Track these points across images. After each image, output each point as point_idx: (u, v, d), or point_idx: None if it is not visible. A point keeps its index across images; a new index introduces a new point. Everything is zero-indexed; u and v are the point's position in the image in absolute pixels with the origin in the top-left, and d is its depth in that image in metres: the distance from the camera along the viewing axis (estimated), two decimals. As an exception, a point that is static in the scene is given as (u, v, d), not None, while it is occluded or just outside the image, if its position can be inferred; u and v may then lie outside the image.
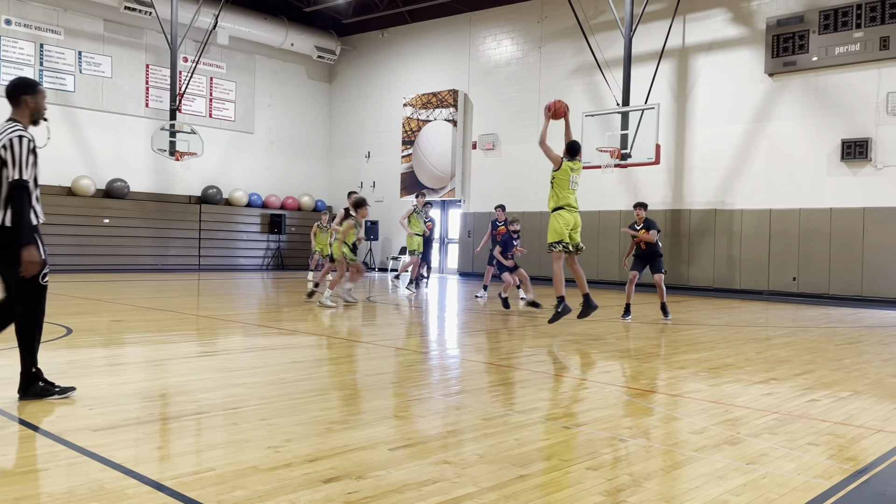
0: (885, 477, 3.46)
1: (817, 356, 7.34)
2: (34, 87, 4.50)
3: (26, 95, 4.45)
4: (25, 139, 4.27)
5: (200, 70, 21.42)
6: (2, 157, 4.22)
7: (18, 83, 4.46)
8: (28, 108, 4.46)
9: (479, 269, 19.99)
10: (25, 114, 4.46)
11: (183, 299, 12.32)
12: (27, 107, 4.46)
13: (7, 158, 4.21)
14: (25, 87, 4.46)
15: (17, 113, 4.45)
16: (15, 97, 4.44)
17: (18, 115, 4.44)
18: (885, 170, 14.36)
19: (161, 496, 2.89)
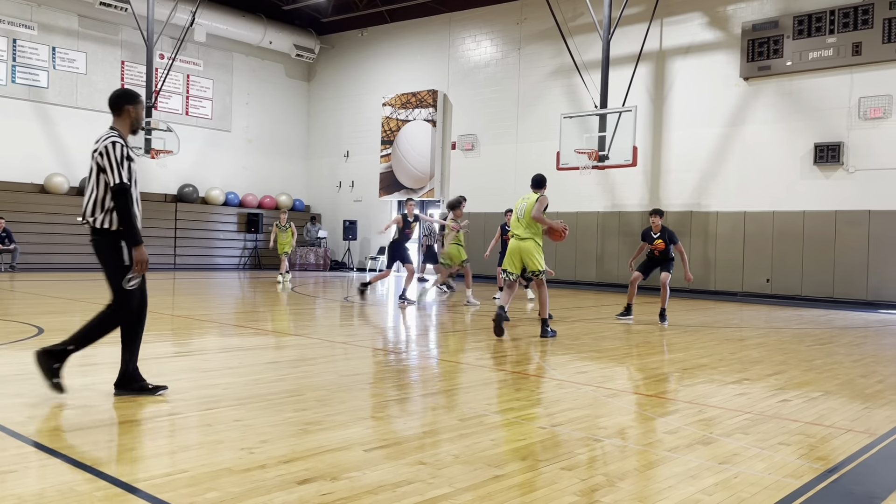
0: (854, 476, 3.52)
1: (789, 357, 7.44)
2: (136, 98, 4.69)
3: (129, 105, 4.65)
4: (119, 145, 4.45)
5: (177, 67, 21.22)
6: (99, 164, 4.43)
7: (122, 94, 4.67)
8: (129, 118, 4.67)
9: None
10: (126, 123, 4.66)
11: (157, 299, 12.19)
12: (129, 116, 4.66)
13: (104, 165, 4.41)
14: (129, 97, 4.66)
15: (118, 122, 4.64)
16: (118, 107, 4.64)
17: (119, 124, 4.64)
18: (857, 174, 14.61)
19: (132, 498, 2.86)
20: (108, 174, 4.42)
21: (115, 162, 4.41)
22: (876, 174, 14.40)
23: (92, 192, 4.51)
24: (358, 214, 23.45)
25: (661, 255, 10.46)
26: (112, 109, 4.66)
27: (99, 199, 4.48)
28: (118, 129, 4.62)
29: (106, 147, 4.44)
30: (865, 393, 5.62)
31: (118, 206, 4.43)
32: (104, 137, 4.51)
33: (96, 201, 4.49)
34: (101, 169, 4.45)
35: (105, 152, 4.43)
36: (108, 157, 4.42)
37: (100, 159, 4.44)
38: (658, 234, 10.38)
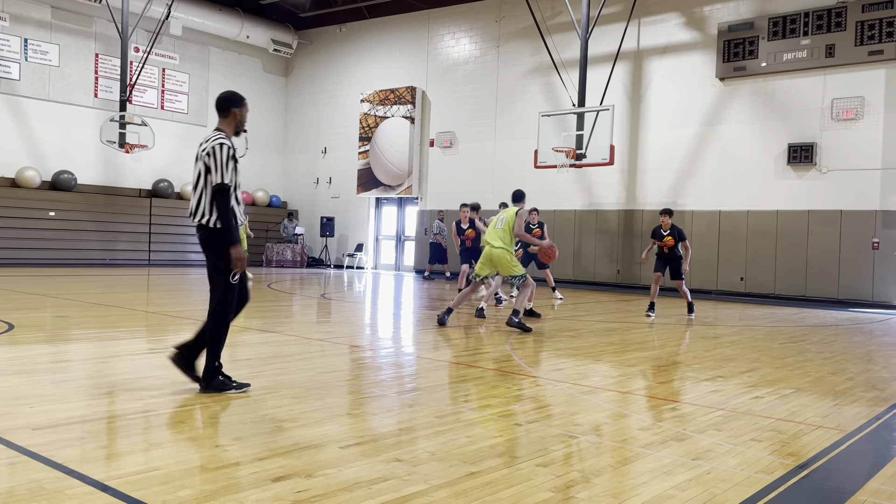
0: (824, 472, 3.57)
1: (762, 354, 7.54)
2: (242, 101, 4.88)
3: (235, 108, 4.83)
4: (226, 146, 4.62)
5: (152, 61, 20.95)
6: (206, 164, 4.59)
7: (230, 96, 4.84)
8: (235, 120, 4.83)
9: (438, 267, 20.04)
10: (231, 125, 4.83)
11: (131, 295, 12.05)
12: (234, 118, 4.83)
13: (211, 165, 4.58)
14: (235, 100, 4.84)
15: (224, 123, 4.82)
16: (225, 109, 4.81)
17: (224, 125, 4.82)
18: (829, 174, 14.83)
19: (104, 496, 2.82)
20: (214, 173, 4.58)
21: (220, 162, 4.57)
22: (848, 175, 14.64)
23: (201, 192, 4.66)
24: (335, 211, 23.34)
25: (669, 251, 11.16)
26: (219, 111, 4.83)
27: (209, 200, 4.63)
28: (224, 129, 4.79)
29: (213, 147, 4.59)
30: (836, 390, 5.71)
31: (218, 203, 4.58)
32: (212, 138, 4.66)
33: (203, 199, 4.64)
34: (209, 169, 4.60)
35: (212, 152, 4.59)
36: (215, 157, 4.58)
37: (207, 159, 4.60)
38: (668, 232, 11.12)
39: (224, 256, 4.66)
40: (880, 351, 8.27)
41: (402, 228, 22.49)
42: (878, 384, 6.04)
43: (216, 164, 4.57)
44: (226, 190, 4.57)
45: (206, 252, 4.75)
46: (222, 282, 4.72)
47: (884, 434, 4.39)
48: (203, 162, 4.62)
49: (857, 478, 3.53)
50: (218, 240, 4.67)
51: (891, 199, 14.22)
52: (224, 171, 4.57)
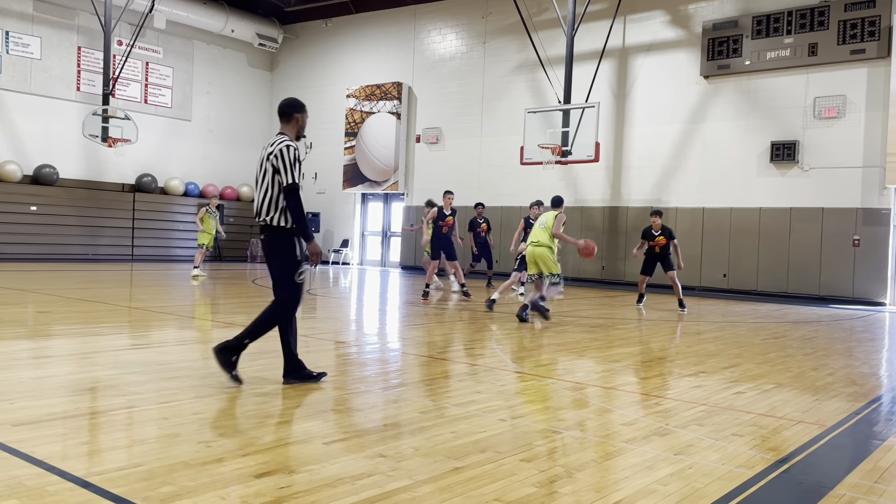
0: (804, 466, 3.61)
1: (744, 350, 7.61)
2: (304, 108, 5.12)
3: (297, 114, 5.05)
4: (292, 148, 4.85)
5: (136, 54, 20.75)
6: (274, 166, 4.79)
7: (293, 103, 5.07)
8: (297, 125, 5.06)
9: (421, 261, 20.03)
10: (294, 129, 5.05)
11: (114, 290, 11.95)
12: (296, 124, 5.06)
13: (279, 166, 4.78)
14: (298, 107, 5.07)
15: (287, 128, 5.04)
16: (288, 114, 5.03)
17: (287, 129, 5.03)
18: (811, 171, 14.97)
19: (84, 493, 2.80)
20: (283, 175, 4.78)
21: (289, 163, 4.78)
22: (829, 172, 14.78)
23: (267, 192, 4.85)
24: (321, 206, 23.26)
25: (661, 250, 11.60)
26: (282, 116, 5.05)
27: (273, 199, 4.82)
28: (286, 134, 5.00)
29: (281, 150, 4.80)
30: (816, 385, 5.78)
31: (291, 204, 4.79)
32: (278, 141, 4.86)
33: (271, 200, 4.83)
34: (276, 170, 4.80)
35: (280, 155, 4.79)
36: (283, 159, 4.78)
37: (275, 161, 4.79)
38: (659, 232, 11.58)
39: (289, 255, 4.88)
40: (860, 347, 8.36)
41: (387, 224, 22.46)
42: (858, 380, 6.12)
43: (284, 166, 4.77)
44: (296, 189, 4.79)
45: (269, 251, 4.92)
46: (285, 281, 4.90)
47: (863, 429, 4.45)
48: (271, 164, 4.81)
49: (836, 472, 3.57)
50: (282, 238, 4.86)
51: (871, 197, 14.38)
52: (292, 171, 4.79)
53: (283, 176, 4.78)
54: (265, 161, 4.86)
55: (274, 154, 4.82)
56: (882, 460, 3.76)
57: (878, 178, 14.30)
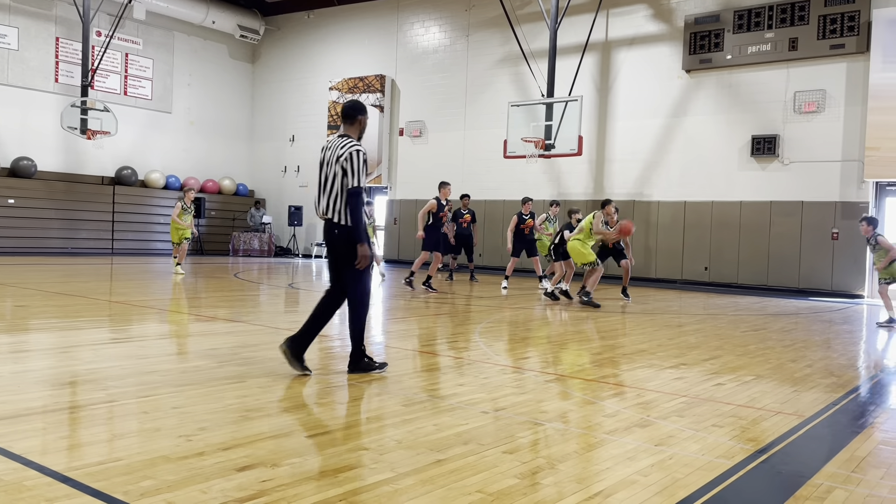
0: (783, 456, 3.66)
1: (725, 342, 7.68)
2: (366, 110, 5.29)
3: (361, 116, 5.21)
4: (362, 153, 5.01)
5: (115, 45, 20.50)
6: (343, 168, 4.95)
7: (357, 105, 5.23)
8: (360, 127, 5.22)
9: (408, 256, 20.02)
10: (357, 131, 5.20)
11: (94, 284, 11.83)
12: (359, 125, 5.22)
13: (347, 169, 4.95)
14: (362, 109, 5.24)
15: (350, 129, 5.18)
16: (352, 116, 5.19)
17: (350, 131, 5.18)
18: (791, 165, 15.12)
19: (63, 487, 2.77)
20: (350, 177, 4.95)
21: (357, 167, 4.96)
22: (809, 166, 14.93)
23: (336, 193, 5.01)
24: (304, 200, 23.14)
25: (614, 245, 11.74)
26: (346, 118, 5.20)
27: (343, 200, 5.00)
28: (350, 135, 5.14)
29: (351, 153, 4.96)
30: (795, 377, 5.84)
31: (352, 204, 4.96)
32: (348, 144, 5.02)
33: (338, 199, 5.00)
34: (345, 172, 4.96)
35: (350, 158, 4.95)
36: (353, 163, 4.95)
37: (344, 163, 4.96)
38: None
39: (354, 252, 5.04)
40: (838, 339, 8.47)
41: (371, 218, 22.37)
42: (836, 371, 6.20)
43: (353, 169, 4.95)
44: (359, 193, 4.97)
45: (338, 248, 5.08)
46: (356, 274, 5.09)
47: (840, 419, 4.51)
48: (340, 166, 4.97)
49: (814, 462, 3.61)
50: (349, 236, 5.03)
51: (850, 191, 14.55)
52: (360, 175, 4.97)
53: (350, 178, 4.95)
54: (335, 163, 5.00)
55: (345, 157, 4.96)
56: (859, 450, 3.81)
57: (856, 173, 14.47)
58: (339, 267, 5.17)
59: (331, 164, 5.03)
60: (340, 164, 4.97)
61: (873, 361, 7.23)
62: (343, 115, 5.22)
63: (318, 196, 5.13)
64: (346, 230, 5.02)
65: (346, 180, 4.97)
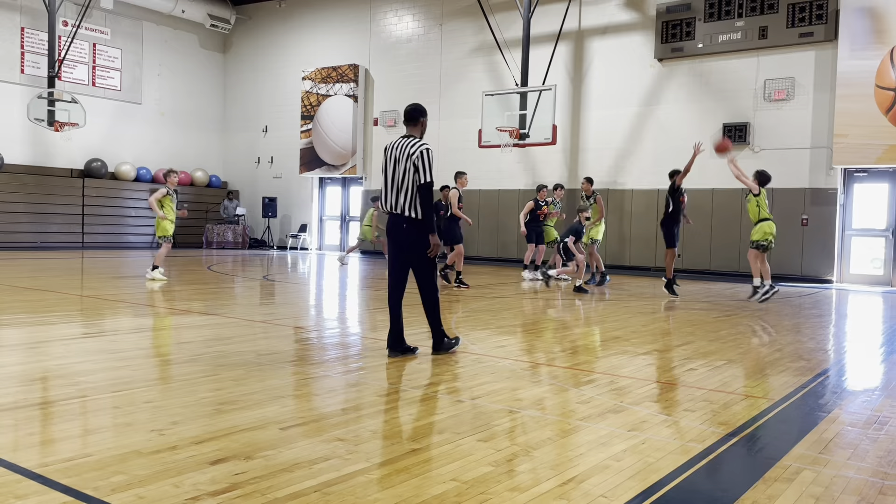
0: (753, 439, 3.72)
1: (697, 328, 7.78)
2: (426, 112, 5.77)
3: (423, 118, 5.70)
4: (431, 151, 5.54)
5: (82, 35, 20.12)
6: (416, 165, 5.43)
7: (420, 108, 5.70)
8: (422, 128, 5.69)
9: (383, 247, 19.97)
10: (419, 131, 5.68)
11: (64, 279, 11.65)
12: (422, 126, 5.69)
13: (419, 165, 5.43)
14: (424, 112, 5.72)
15: (413, 130, 5.66)
16: (416, 118, 5.66)
17: (414, 131, 5.66)
18: (762, 153, 15.30)
19: (33, 484, 2.74)
20: (421, 173, 5.43)
21: (428, 165, 5.46)
22: (779, 153, 15.12)
23: (407, 189, 5.47)
24: (278, 191, 22.96)
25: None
26: (410, 120, 5.66)
27: (414, 194, 5.46)
28: (414, 135, 5.61)
29: (422, 152, 5.46)
30: (765, 361, 5.94)
31: (424, 198, 5.45)
32: (417, 143, 5.49)
33: (409, 195, 5.47)
34: (416, 168, 5.42)
35: (422, 156, 5.45)
36: (424, 161, 5.45)
37: (417, 161, 5.43)
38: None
39: (426, 244, 5.50)
40: (807, 323, 8.62)
41: (346, 209, 22.29)
42: (805, 354, 6.31)
43: (424, 166, 5.43)
44: (430, 186, 5.45)
45: (407, 240, 5.52)
46: (429, 264, 5.58)
47: (809, 402, 4.59)
48: (412, 163, 5.43)
49: (783, 444, 3.68)
50: (424, 230, 5.49)
51: (819, 178, 14.77)
52: (430, 171, 5.45)
53: (422, 174, 5.42)
54: (405, 160, 5.44)
55: (416, 155, 5.43)
56: (826, 432, 3.89)
57: (825, 159, 14.69)
58: (405, 259, 5.60)
59: (401, 161, 5.47)
60: (412, 161, 5.42)
61: (841, 345, 7.37)
62: (407, 118, 5.67)
63: (387, 193, 5.57)
64: (416, 223, 5.46)
65: (417, 176, 5.43)
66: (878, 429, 3.97)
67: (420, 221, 5.46)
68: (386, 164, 5.59)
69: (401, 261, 5.63)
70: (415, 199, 5.46)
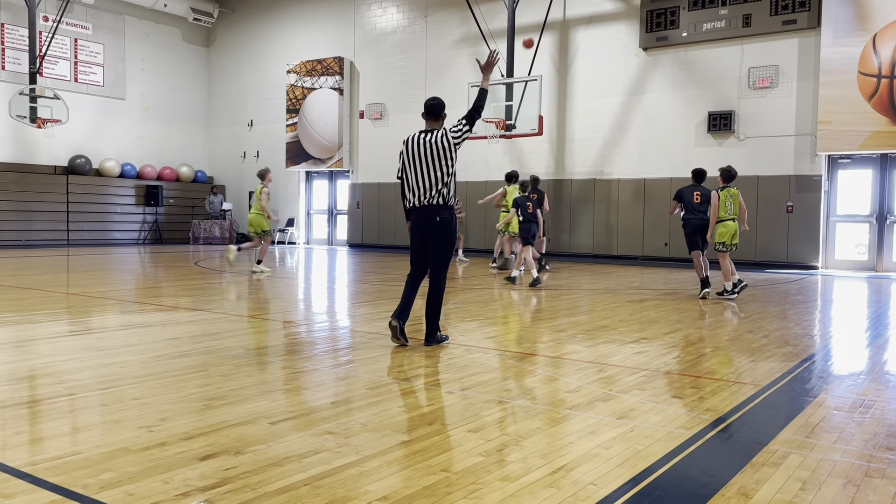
0: (740, 425, 3.75)
1: (684, 316, 7.82)
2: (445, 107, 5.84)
3: (445, 112, 5.79)
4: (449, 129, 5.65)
5: (63, 31, 19.90)
6: (444, 146, 5.56)
7: (441, 103, 5.79)
8: (442, 122, 5.78)
9: (371, 240, 19.95)
10: (440, 126, 5.76)
11: (50, 276, 11.56)
12: (443, 121, 5.78)
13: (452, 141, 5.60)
14: (444, 106, 5.81)
15: (434, 125, 5.75)
16: (437, 113, 5.75)
17: (435, 126, 5.74)
18: (747, 141, 15.38)
19: (21, 483, 2.72)
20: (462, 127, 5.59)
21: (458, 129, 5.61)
22: (764, 141, 15.21)
23: (434, 177, 5.56)
24: (264, 185, 22.83)
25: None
26: (432, 115, 5.74)
27: (443, 180, 5.57)
28: (435, 129, 5.69)
29: (445, 131, 5.65)
30: (751, 347, 5.99)
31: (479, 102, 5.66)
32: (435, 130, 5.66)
33: (442, 182, 5.58)
34: (446, 150, 5.57)
35: (446, 132, 5.62)
36: (451, 131, 5.61)
37: (445, 141, 5.57)
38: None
39: (454, 232, 5.66)
40: (793, 309, 8.69)
41: (333, 202, 22.23)
42: (791, 340, 6.36)
43: (457, 131, 5.59)
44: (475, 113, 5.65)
45: (438, 233, 5.58)
46: (447, 258, 5.67)
47: (795, 387, 4.63)
48: (441, 147, 5.55)
49: (770, 429, 3.71)
50: (451, 216, 5.61)
51: (803, 164, 14.87)
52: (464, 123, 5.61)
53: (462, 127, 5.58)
54: (435, 149, 5.54)
55: (445, 137, 5.56)
56: (813, 416, 3.93)
57: (809, 146, 14.79)
58: (428, 249, 5.65)
59: (428, 152, 5.55)
60: (441, 145, 5.53)
61: (827, 330, 7.44)
62: (429, 113, 5.72)
63: (414, 187, 5.60)
64: (448, 210, 5.58)
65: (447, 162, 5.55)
66: (864, 412, 4.01)
67: (449, 208, 5.61)
68: (408, 160, 5.63)
69: (423, 252, 5.70)
70: (447, 186, 5.57)
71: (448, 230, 5.62)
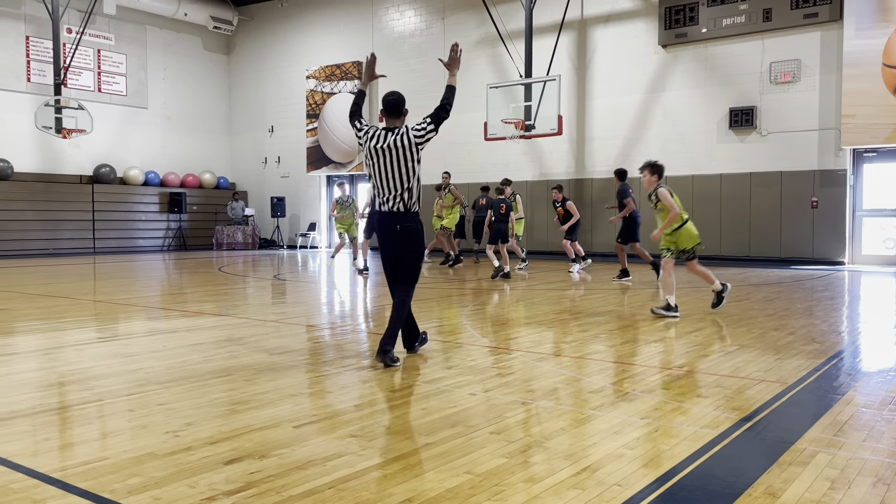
0: (767, 423, 3.71)
1: (708, 314, 7.74)
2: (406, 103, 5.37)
3: (406, 108, 5.31)
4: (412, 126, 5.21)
5: (86, 42, 20.21)
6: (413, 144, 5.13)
7: (403, 99, 5.30)
8: (404, 119, 5.32)
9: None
10: (402, 123, 5.29)
11: (77, 284, 11.73)
12: (404, 117, 5.30)
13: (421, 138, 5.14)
14: (405, 102, 5.33)
15: (396, 122, 5.25)
16: (399, 110, 5.25)
17: (397, 123, 5.24)
18: (769, 136, 15.20)
19: (50, 489, 2.76)
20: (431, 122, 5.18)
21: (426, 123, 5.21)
22: (786, 136, 15.02)
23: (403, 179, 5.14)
24: (286, 191, 23.02)
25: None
26: (395, 112, 5.23)
27: (412, 186, 5.17)
28: (397, 126, 5.22)
29: (412, 132, 5.16)
30: (777, 345, 5.91)
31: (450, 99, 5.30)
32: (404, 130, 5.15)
33: (410, 186, 5.17)
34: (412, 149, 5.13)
35: (412, 132, 5.15)
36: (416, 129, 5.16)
37: (419, 138, 5.14)
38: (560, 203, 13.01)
39: (422, 239, 5.25)
40: (820, 305, 8.57)
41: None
42: (818, 337, 6.27)
43: (423, 128, 5.19)
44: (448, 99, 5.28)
45: (400, 244, 5.19)
46: (417, 268, 5.30)
47: (823, 385, 4.57)
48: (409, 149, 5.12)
49: (797, 427, 3.66)
50: (419, 224, 5.20)
51: (827, 159, 14.66)
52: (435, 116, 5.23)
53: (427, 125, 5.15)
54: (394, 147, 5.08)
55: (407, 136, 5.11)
56: (841, 414, 3.87)
57: (833, 141, 14.58)
58: (398, 258, 5.24)
59: (391, 153, 5.10)
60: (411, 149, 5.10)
61: (855, 326, 7.32)
62: (390, 110, 5.23)
63: (378, 189, 5.19)
64: (416, 217, 5.16)
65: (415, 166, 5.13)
66: (894, 409, 3.94)
67: (417, 215, 5.19)
68: (370, 160, 5.20)
69: (394, 260, 5.31)
70: (415, 191, 5.17)
71: (411, 240, 5.17)
